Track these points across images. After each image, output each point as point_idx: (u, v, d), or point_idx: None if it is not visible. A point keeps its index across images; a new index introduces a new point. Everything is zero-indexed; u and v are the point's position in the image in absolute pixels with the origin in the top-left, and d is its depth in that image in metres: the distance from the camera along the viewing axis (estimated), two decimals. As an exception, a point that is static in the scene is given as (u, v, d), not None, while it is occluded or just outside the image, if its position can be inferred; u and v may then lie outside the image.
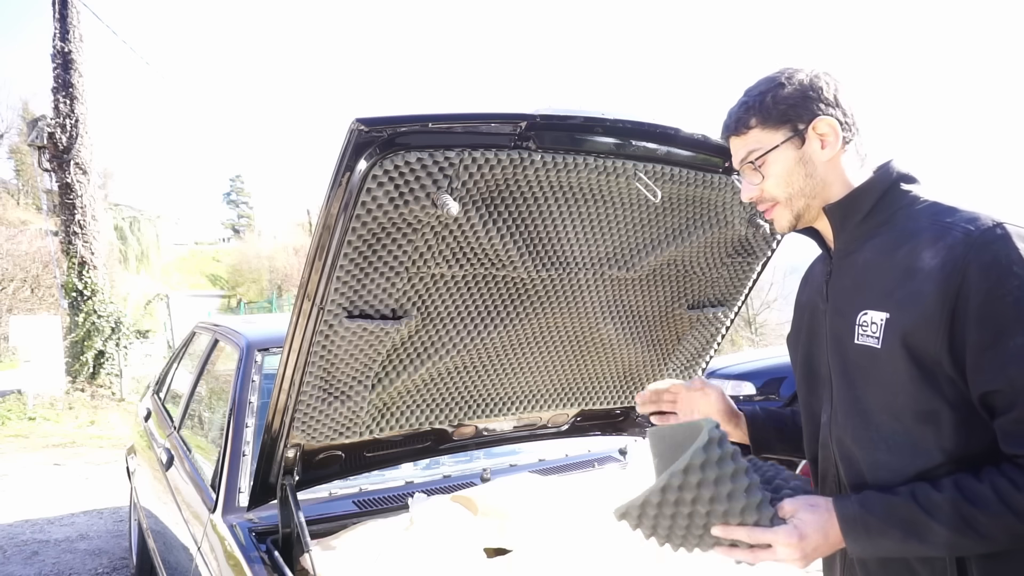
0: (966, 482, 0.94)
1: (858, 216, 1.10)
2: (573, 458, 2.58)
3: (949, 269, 0.94)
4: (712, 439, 0.99)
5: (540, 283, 1.79)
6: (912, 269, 0.99)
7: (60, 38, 10.28)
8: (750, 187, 1.16)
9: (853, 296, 1.07)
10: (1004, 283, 0.91)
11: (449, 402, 1.95)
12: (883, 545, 0.98)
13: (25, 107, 27.93)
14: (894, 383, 1.00)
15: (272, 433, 1.71)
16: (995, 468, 0.93)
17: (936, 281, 0.95)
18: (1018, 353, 0.90)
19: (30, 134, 10.53)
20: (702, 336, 2.20)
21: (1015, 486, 0.90)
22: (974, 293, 0.92)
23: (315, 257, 1.46)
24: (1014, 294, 0.91)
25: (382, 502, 2.09)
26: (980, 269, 0.92)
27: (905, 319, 0.98)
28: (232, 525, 1.89)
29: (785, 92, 1.09)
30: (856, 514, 0.99)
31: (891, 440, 1.01)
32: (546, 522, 1.94)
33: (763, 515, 0.99)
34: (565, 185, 1.61)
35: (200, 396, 3.06)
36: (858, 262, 1.09)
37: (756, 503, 0.99)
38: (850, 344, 1.05)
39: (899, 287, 1.00)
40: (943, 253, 0.96)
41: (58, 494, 5.65)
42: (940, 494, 0.94)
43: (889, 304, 1.00)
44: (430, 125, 1.38)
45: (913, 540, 0.96)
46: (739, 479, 0.98)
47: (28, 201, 28.98)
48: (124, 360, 10.89)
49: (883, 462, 1.02)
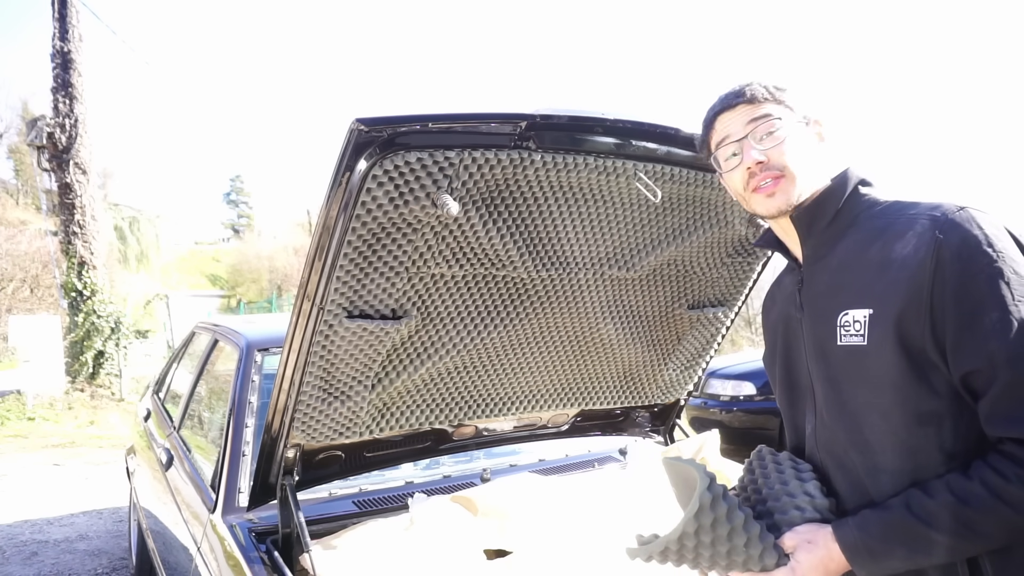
0: (957, 483, 0.93)
1: (824, 221, 1.12)
2: (573, 458, 2.58)
3: (922, 255, 0.96)
4: (707, 486, 1.00)
5: (540, 283, 1.79)
6: (887, 262, 1.00)
7: (60, 38, 10.27)
8: (755, 152, 1.09)
9: (830, 299, 1.07)
10: (976, 261, 0.93)
11: (449, 402, 1.95)
12: (891, 565, 0.97)
13: (25, 107, 27.95)
14: (883, 380, 0.99)
15: (272, 433, 1.71)
16: (983, 461, 0.92)
17: (911, 268, 0.97)
18: (995, 328, 0.90)
19: (30, 134, 10.53)
20: (702, 336, 2.20)
21: (1004, 478, 0.89)
22: (949, 275, 0.94)
23: (315, 257, 1.46)
24: (986, 271, 0.92)
25: (382, 502, 2.09)
26: (951, 251, 0.94)
27: (889, 310, 0.98)
28: (232, 525, 1.89)
29: (782, 87, 1.13)
30: (857, 539, 0.98)
31: (884, 441, 1.00)
32: (546, 522, 1.94)
33: (764, 548, 1.01)
34: (565, 185, 1.60)
35: (200, 396, 3.06)
36: (831, 265, 1.09)
37: (746, 541, 1.01)
38: (833, 347, 1.05)
39: (877, 281, 1.01)
40: (914, 241, 0.98)
41: (58, 494, 5.64)
42: (934, 500, 0.93)
43: (870, 300, 1.01)
44: (430, 125, 1.38)
45: (919, 555, 0.95)
46: (734, 517, 1.00)
47: (27, 201, 28.99)
48: (124, 360, 10.88)
49: (881, 465, 1.01)
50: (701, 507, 0.99)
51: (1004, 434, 0.91)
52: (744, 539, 1.00)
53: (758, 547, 1.00)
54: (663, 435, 2.57)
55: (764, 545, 1.01)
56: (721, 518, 0.99)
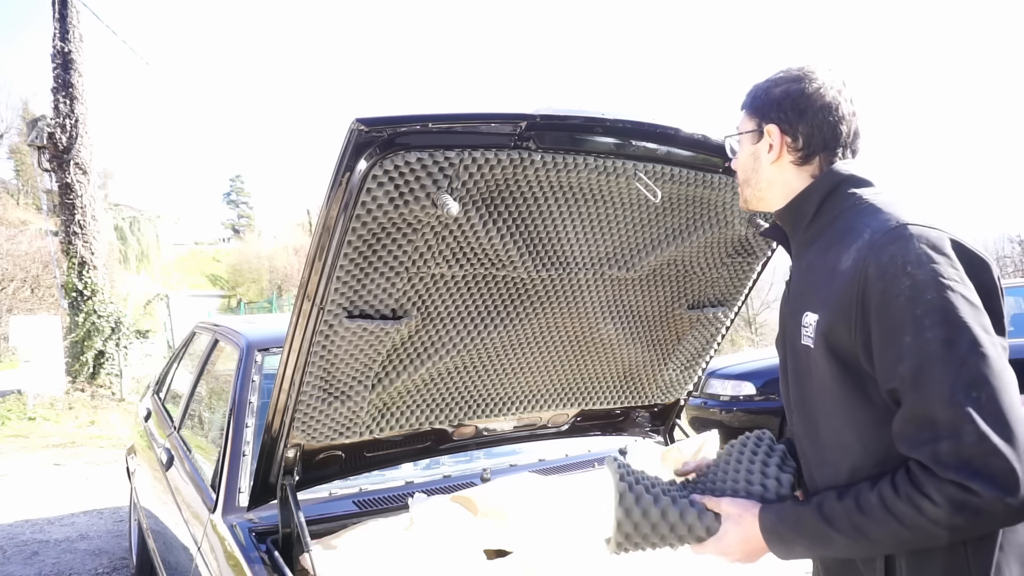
0: (862, 491, 0.97)
1: (804, 221, 1.15)
2: (573, 458, 2.57)
3: (855, 271, 0.98)
4: (619, 477, 1.18)
5: (540, 283, 1.79)
6: (834, 271, 1.03)
7: (60, 38, 10.28)
8: (732, 158, 1.26)
9: (798, 298, 1.13)
10: (896, 283, 0.94)
11: (449, 402, 1.95)
12: (797, 551, 1.07)
13: (25, 107, 27.96)
14: (824, 382, 1.05)
15: (272, 433, 1.71)
16: (890, 475, 0.96)
17: (846, 282, 0.99)
18: (904, 352, 0.92)
19: (30, 134, 10.53)
20: (702, 336, 2.20)
21: (896, 493, 0.93)
22: (872, 293, 0.96)
23: (315, 257, 1.46)
24: (906, 294, 0.93)
25: (382, 502, 2.09)
26: (877, 270, 0.96)
27: (826, 319, 1.02)
28: (232, 525, 1.89)
29: (775, 91, 1.14)
30: (773, 524, 1.07)
31: (828, 438, 1.06)
32: (546, 522, 1.94)
33: (691, 525, 1.14)
34: (565, 185, 1.60)
35: (200, 396, 3.06)
36: (803, 265, 1.14)
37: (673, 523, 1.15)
38: (798, 344, 1.11)
39: (824, 288, 1.04)
40: (853, 255, 1.00)
41: (58, 494, 5.65)
42: (839, 503, 0.99)
43: (818, 305, 1.05)
44: (430, 125, 1.38)
45: (820, 547, 1.03)
46: (659, 501, 1.16)
47: (28, 201, 28.99)
48: (124, 360, 10.88)
49: (824, 459, 1.08)
50: (620, 495, 1.14)
51: (907, 454, 0.94)
52: (675, 518, 1.14)
53: (685, 526, 1.14)
54: (663, 435, 2.57)
55: (690, 523, 1.14)
56: (647, 504, 1.14)
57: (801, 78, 1.12)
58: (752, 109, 1.18)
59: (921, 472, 0.91)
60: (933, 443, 0.90)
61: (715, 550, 1.13)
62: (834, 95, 1.11)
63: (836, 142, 1.13)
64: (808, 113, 1.11)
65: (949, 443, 0.88)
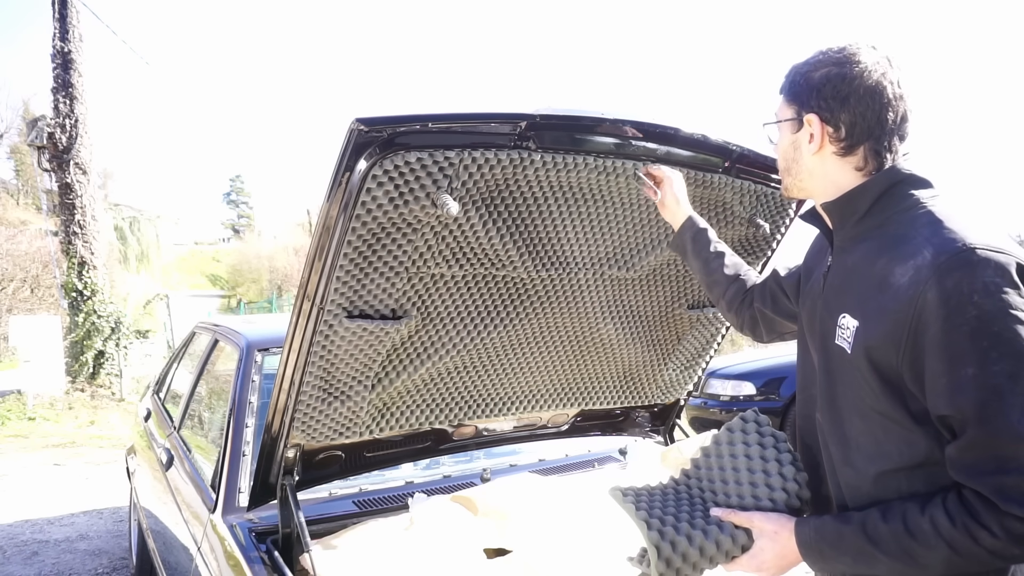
0: (911, 514, 0.97)
1: (855, 216, 1.10)
2: (573, 458, 2.57)
3: (912, 292, 0.95)
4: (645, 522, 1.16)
5: (540, 283, 1.79)
6: (885, 283, 0.99)
7: (60, 38, 10.26)
8: (771, 146, 1.22)
9: (838, 297, 1.10)
10: (961, 312, 0.90)
11: (449, 402, 1.95)
12: (837, 568, 1.07)
13: (25, 107, 27.91)
14: (861, 387, 1.03)
15: (272, 433, 1.71)
16: (940, 499, 0.95)
17: (900, 301, 0.96)
18: (967, 384, 0.90)
19: (30, 134, 10.52)
20: (702, 336, 2.20)
21: (951, 521, 0.92)
22: (932, 319, 0.92)
23: (315, 257, 1.46)
24: (971, 324, 0.90)
25: (382, 502, 2.09)
26: (940, 295, 0.92)
27: (870, 332, 1.00)
28: (232, 525, 1.89)
29: (815, 76, 1.08)
30: (812, 541, 1.07)
31: (860, 440, 1.05)
32: (546, 522, 1.94)
33: (726, 551, 1.15)
34: (565, 185, 1.60)
35: (200, 396, 3.06)
36: (847, 263, 1.10)
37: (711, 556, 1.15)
38: (831, 343, 1.08)
39: (872, 298, 1.01)
40: (911, 273, 0.96)
41: (58, 494, 5.64)
42: (887, 526, 0.98)
43: (861, 312, 1.02)
44: (430, 125, 1.38)
45: (861, 566, 1.02)
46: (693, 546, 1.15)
47: (28, 201, 29.00)
48: (124, 360, 10.87)
49: (849, 459, 1.07)
50: (658, 548, 1.13)
51: (965, 483, 0.93)
52: (712, 550, 1.14)
53: (721, 553, 1.15)
54: (663, 435, 2.57)
55: (725, 549, 1.15)
56: (684, 548, 1.13)
57: (843, 61, 1.05)
58: (791, 95, 1.12)
59: (979, 502, 0.91)
60: (997, 476, 0.89)
61: (750, 567, 1.13)
62: (878, 78, 1.04)
63: (882, 130, 1.05)
64: (851, 101, 1.04)
65: (1015, 478, 0.88)
